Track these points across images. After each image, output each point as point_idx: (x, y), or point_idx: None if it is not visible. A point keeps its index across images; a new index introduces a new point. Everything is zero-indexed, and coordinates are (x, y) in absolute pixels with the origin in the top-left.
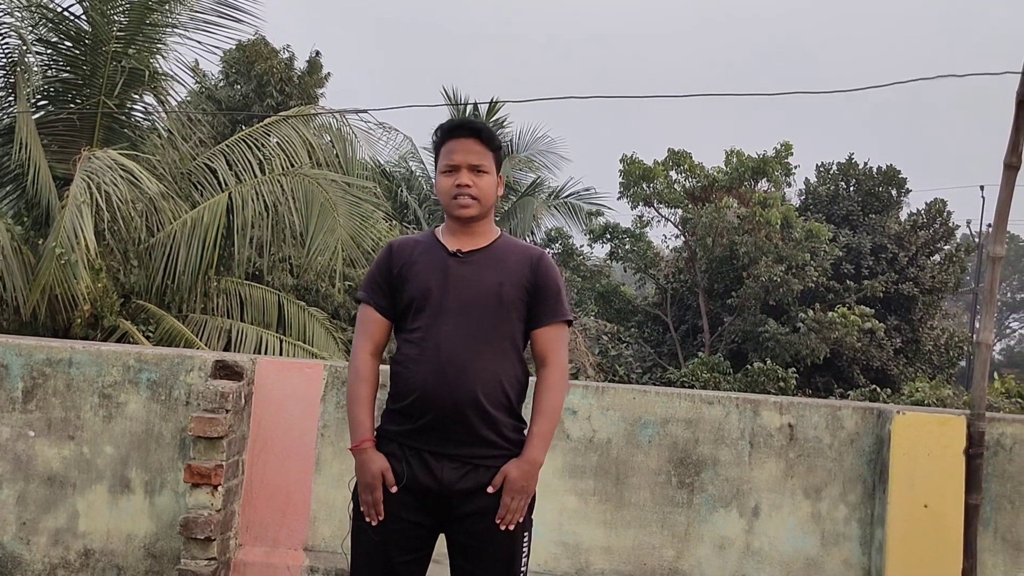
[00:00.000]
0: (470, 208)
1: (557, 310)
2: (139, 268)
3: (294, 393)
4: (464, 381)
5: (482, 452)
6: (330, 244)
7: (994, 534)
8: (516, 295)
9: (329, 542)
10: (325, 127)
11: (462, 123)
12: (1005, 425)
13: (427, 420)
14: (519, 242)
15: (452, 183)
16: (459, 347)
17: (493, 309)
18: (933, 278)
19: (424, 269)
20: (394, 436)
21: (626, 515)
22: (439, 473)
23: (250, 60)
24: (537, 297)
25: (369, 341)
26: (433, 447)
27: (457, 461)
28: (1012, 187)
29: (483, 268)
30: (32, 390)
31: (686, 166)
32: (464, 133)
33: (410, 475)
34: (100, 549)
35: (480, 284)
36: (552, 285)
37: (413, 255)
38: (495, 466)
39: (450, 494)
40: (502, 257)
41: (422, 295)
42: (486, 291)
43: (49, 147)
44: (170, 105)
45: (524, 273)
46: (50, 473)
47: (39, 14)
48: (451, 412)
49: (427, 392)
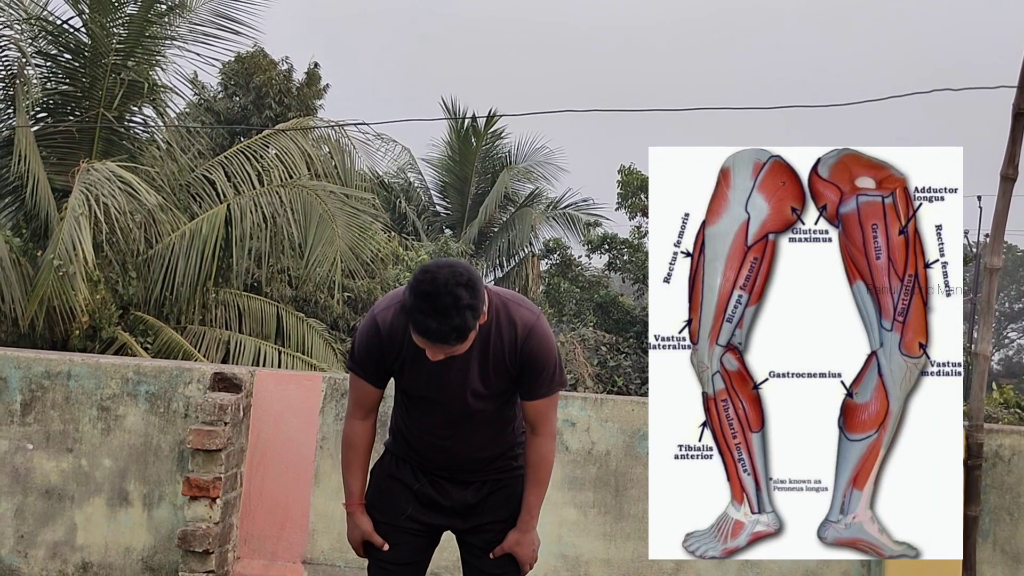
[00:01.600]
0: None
1: (550, 386)
2: (137, 280)
3: (293, 405)
4: (465, 453)
5: (496, 476)
6: (329, 255)
7: (993, 546)
8: (503, 380)
9: (328, 555)
10: (323, 139)
11: (426, 332)
12: (1004, 436)
13: (434, 465)
14: (510, 319)
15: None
16: (456, 429)
17: (486, 400)
18: None
19: (414, 369)
20: (404, 456)
21: (625, 527)
22: (451, 491)
23: (249, 72)
24: (525, 375)
25: (361, 409)
26: (446, 475)
27: (467, 483)
28: (1009, 198)
29: (471, 365)
30: (31, 403)
31: None
32: (434, 340)
33: (422, 493)
34: (98, 562)
35: (469, 380)
36: (538, 364)
37: (403, 349)
38: (506, 482)
39: (463, 507)
40: (489, 348)
41: (416, 391)
42: (475, 387)
43: (48, 159)
44: (169, 117)
45: (510, 361)
46: (48, 486)
47: (39, 27)
48: (456, 465)
49: (432, 453)
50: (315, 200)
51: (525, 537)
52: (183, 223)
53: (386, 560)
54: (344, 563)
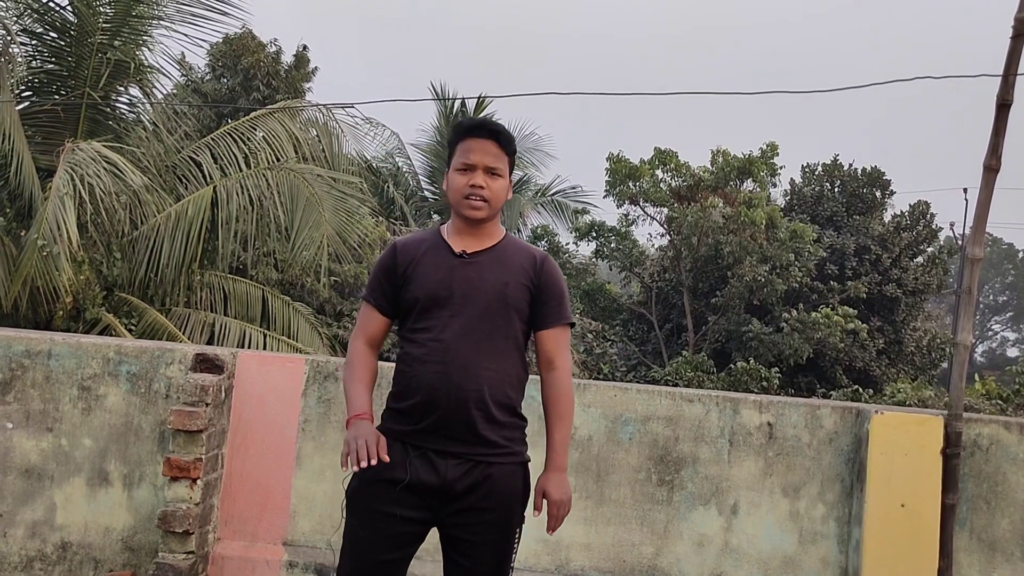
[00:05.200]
0: (480, 211)
1: (561, 313)
2: (122, 261)
3: (275, 387)
4: (469, 381)
5: (484, 451)
6: (315, 239)
7: (970, 534)
8: (520, 296)
9: (309, 537)
10: (312, 121)
11: (482, 123)
12: (982, 426)
13: (431, 420)
14: (523, 243)
15: (466, 182)
16: (464, 347)
17: (497, 310)
18: (916, 280)
19: (429, 270)
20: (397, 435)
21: (606, 512)
22: (442, 470)
23: (237, 53)
24: (540, 299)
25: (365, 334)
26: (436, 445)
27: (460, 458)
28: (991, 189)
29: (488, 269)
30: (10, 381)
31: (672, 165)
32: (483, 134)
33: (412, 473)
34: (78, 542)
35: (484, 285)
36: (556, 287)
37: (418, 255)
38: (497, 462)
39: (450, 490)
40: (506, 258)
41: (427, 296)
42: (490, 292)
43: (33, 138)
44: (155, 98)
45: (528, 275)
46: (28, 465)
47: (24, 4)
48: (455, 412)
49: (432, 391)
50: (302, 183)
51: (556, 476)
52: (169, 204)
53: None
54: (325, 544)
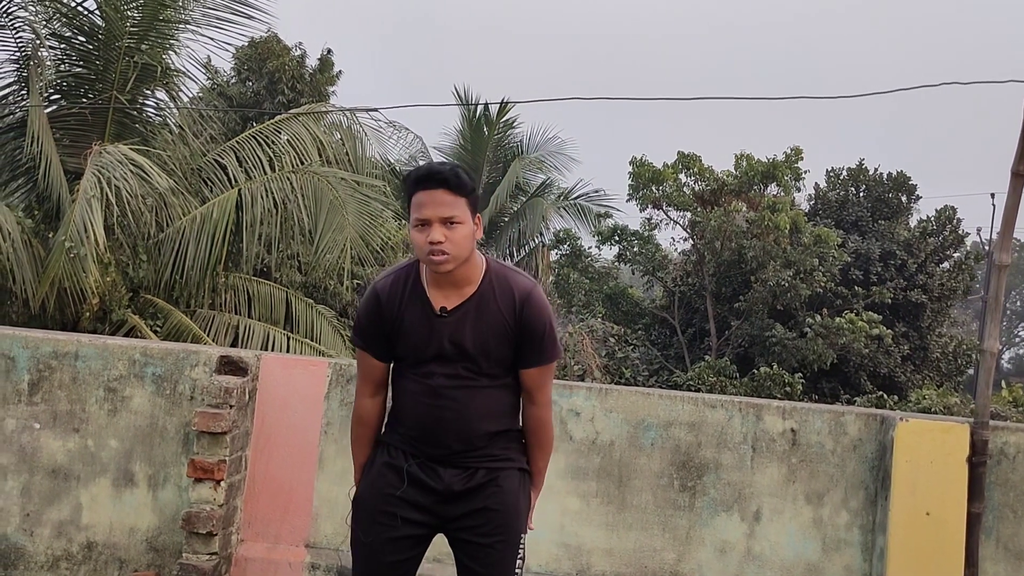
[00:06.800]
0: (446, 264)
1: (543, 355)
2: (148, 263)
3: (298, 390)
4: (461, 420)
5: (482, 461)
6: (339, 242)
7: (996, 543)
8: (502, 349)
9: (331, 539)
10: (335, 125)
11: (428, 173)
12: (1009, 434)
13: (429, 446)
14: (505, 281)
15: (424, 239)
16: (454, 392)
17: (483, 362)
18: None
19: (413, 328)
20: (398, 444)
21: (628, 517)
22: (442, 475)
23: (262, 57)
24: (523, 341)
25: (370, 385)
26: (435, 458)
27: (459, 467)
28: (1019, 195)
29: (469, 324)
30: (38, 382)
31: (695, 169)
32: (432, 184)
33: (413, 475)
34: (103, 542)
35: (466, 343)
36: (537, 330)
37: (401, 308)
38: (495, 467)
39: (451, 494)
40: (486, 307)
41: (414, 352)
42: (474, 348)
43: (61, 141)
44: (181, 101)
45: (508, 323)
46: (54, 465)
47: (53, 8)
48: (452, 443)
49: (428, 429)
50: (326, 186)
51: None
52: (194, 207)
53: (376, 559)
54: (347, 547)
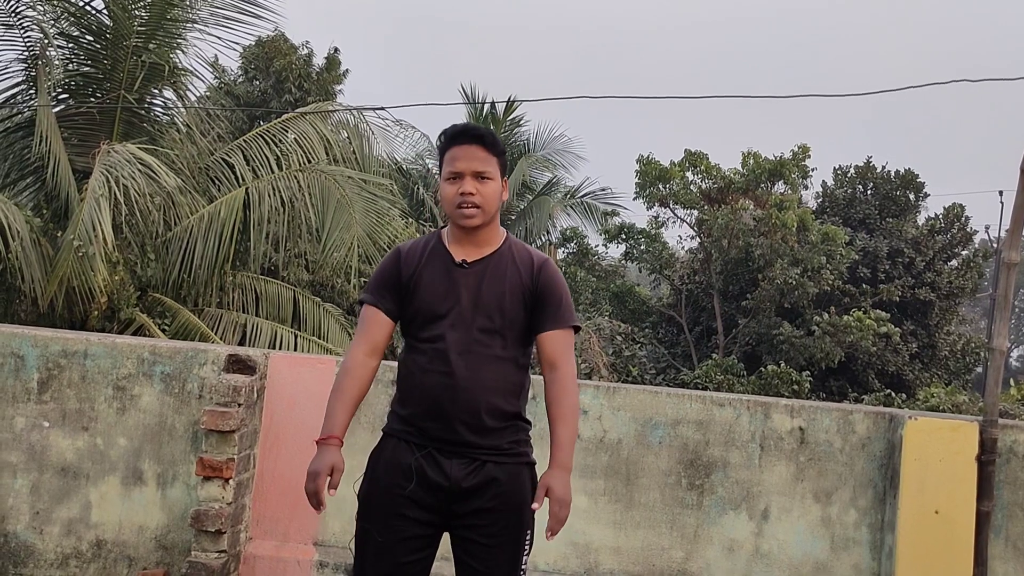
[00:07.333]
0: (474, 218)
1: (560, 316)
2: (156, 261)
3: (306, 388)
4: (471, 392)
5: (488, 451)
6: (346, 240)
7: (1005, 541)
8: (517, 307)
9: (339, 537)
10: (342, 123)
11: (465, 129)
12: (1018, 432)
13: (436, 427)
14: (524, 248)
15: (456, 191)
16: (465, 359)
17: (497, 320)
18: (950, 283)
19: (432, 280)
20: (402, 435)
21: (635, 516)
22: (448, 469)
23: (269, 56)
24: (539, 303)
25: (367, 341)
26: (441, 445)
27: (464, 457)
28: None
29: (487, 278)
30: (47, 381)
31: (702, 167)
32: (467, 139)
33: (420, 474)
34: (112, 540)
35: (483, 297)
36: (554, 292)
37: (421, 263)
38: (502, 462)
39: (458, 490)
40: (505, 266)
41: (430, 306)
42: (490, 302)
43: (69, 140)
44: (189, 100)
45: (525, 282)
46: (64, 464)
47: (61, 8)
48: (459, 421)
49: (435, 402)
50: (333, 185)
51: (560, 474)
52: (202, 206)
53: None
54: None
